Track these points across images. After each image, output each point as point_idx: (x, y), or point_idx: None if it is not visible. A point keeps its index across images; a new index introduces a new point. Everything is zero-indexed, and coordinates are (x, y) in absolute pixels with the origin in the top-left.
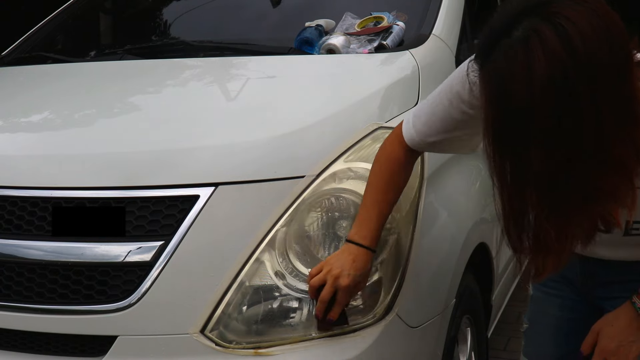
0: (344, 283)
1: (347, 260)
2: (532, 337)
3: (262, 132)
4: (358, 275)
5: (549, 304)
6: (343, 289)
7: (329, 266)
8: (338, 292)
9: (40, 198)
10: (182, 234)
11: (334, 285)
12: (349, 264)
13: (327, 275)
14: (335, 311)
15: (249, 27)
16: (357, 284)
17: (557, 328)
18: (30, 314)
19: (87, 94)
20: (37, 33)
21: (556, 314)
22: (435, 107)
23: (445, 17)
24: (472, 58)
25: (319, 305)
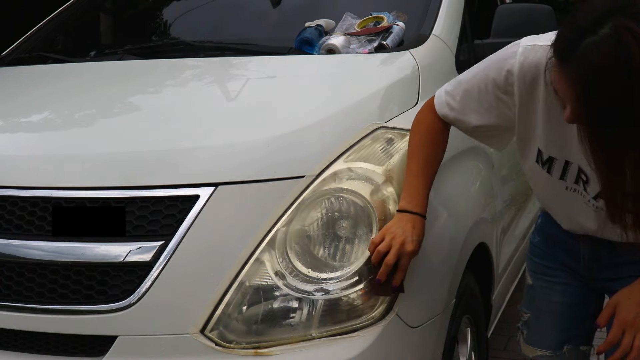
0: (409, 249)
1: (408, 227)
2: (535, 325)
3: (262, 132)
4: (419, 241)
5: (552, 291)
6: (408, 254)
7: (391, 234)
8: (402, 258)
9: (41, 198)
10: (182, 234)
11: (399, 251)
12: (410, 230)
13: (392, 242)
14: (398, 277)
15: (249, 27)
16: (418, 251)
17: (561, 314)
18: (30, 314)
19: (87, 94)
20: (37, 33)
21: (560, 300)
22: (469, 87)
23: (445, 17)
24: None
25: (384, 269)
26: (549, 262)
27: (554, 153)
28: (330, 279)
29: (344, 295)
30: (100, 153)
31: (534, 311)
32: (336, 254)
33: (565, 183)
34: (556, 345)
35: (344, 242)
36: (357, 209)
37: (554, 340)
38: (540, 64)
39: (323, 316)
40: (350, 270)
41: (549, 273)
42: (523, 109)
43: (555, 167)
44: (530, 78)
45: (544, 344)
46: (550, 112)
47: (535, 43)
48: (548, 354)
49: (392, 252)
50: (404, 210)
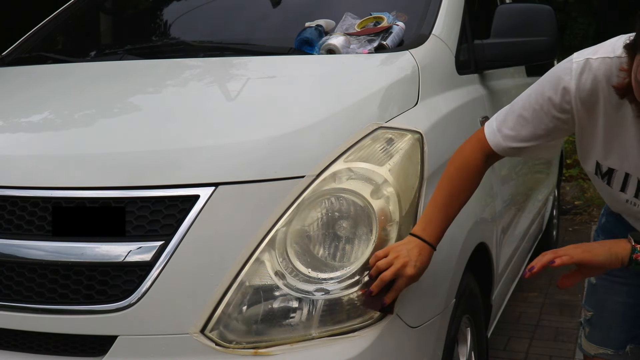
0: (410, 272)
1: (414, 251)
2: (598, 323)
3: (262, 132)
4: (422, 268)
5: (615, 291)
6: (407, 277)
7: (396, 252)
8: (399, 279)
9: (40, 198)
10: (182, 234)
11: (398, 271)
12: (415, 255)
13: (394, 261)
14: (390, 296)
15: (249, 27)
16: (417, 277)
17: (624, 314)
18: (30, 313)
19: (87, 94)
20: (37, 33)
21: (623, 300)
22: (523, 111)
23: (445, 17)
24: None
25: (378, 283)
26: None
27: (614, 164)
28: (330, 279)
29: (344, 295)
30: (101, 153)
31: (597, 310)
32: (336, 254)
33: (625, 196)
34: (619, 344)
35: (344, 242)
36: (357, 209)
37: (617, 340)
38: (597, 77)
39: (323, 316)
40: (350, 270)
41: (613, 272)
42: (581, 123)
43: (615, 179)
44: (589, 93)
45: (606, 343)
46: (611, 123)
47: (588, 57)
48: (610, 352)
49: (391, 270)
50: (416, 235)
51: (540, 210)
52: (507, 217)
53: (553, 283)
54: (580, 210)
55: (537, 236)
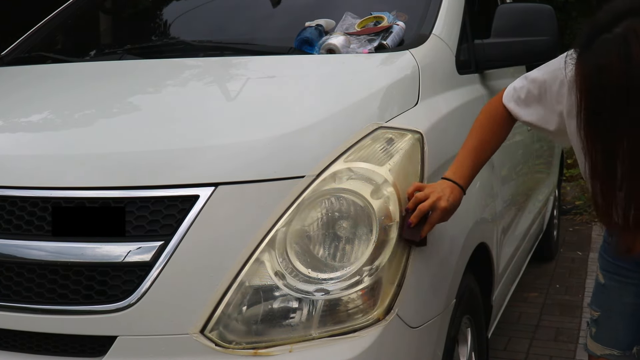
0: (443, 205)
1: (447, 189)
2: (605, 324)
3: (262, 132)
4: (453, 204)
5: (624, 292)
6: (440, 209)
7: (431, 188)
8: (433, 212)
9: (40, 198)
10: (182, 234)
11: (434, 203)
12: (448, 192)
13: (430, 194)
14: (425, 229)
15: (249, 27)
16: (450, 211)
17: (633, 315)
18: (30, 314)
19: (86, 94)
20: (37, 33)
21: (632, 301)
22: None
23: (445, 17)
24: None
25: (417, 213)
26: (624, 262)
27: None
28: (330, 279)
29: (344, 296)
30: (100, 153)
31: (605, 310)
32: (336, 254)
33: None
34: (626, 345)
35: (344, 242)
36: (357, 209)
37: (624, 341)
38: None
39: (323, 316)
40: (351, 271)
41: (623, 273)
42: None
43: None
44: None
45: (613, 343)
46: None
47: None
48: (617, 353)
49: (428, 201)
50: (447, 178)
51: (541, 210)
52: (508, 217)
53: (553, 283)
54: (581, 210)
55: (537, 236)
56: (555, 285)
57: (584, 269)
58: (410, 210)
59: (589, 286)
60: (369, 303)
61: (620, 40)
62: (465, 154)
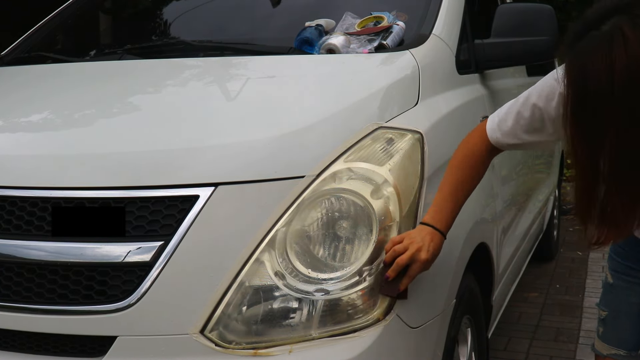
0: (423, 257)
1: (427, 238)
2: (612, 324)
3: (262, 132)
4: (434, 253)
5: (631, 292)
6: (421, 261)
7: (410, 239)
8: (413, 264)
9: (40, 198)
10: (181, 234)
11: (413, 255)
12: (428, 241)
13: (409, 245)
14: (404, 282)
15: (249, 27)
16: (430, 262)
17: (637, 315)
18: (29, 314)
19: (86, 94)
20: (37, 33)
21: (637, 301)
22: (518, 116)
23: (445, 17)
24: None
25: (395, 267)
26: (632, 262)
27: None
28: (330, 279)
29: (344, 296)
30: (100, 153)
31: (612, 310)
32: (336, 254)
33: None
34: (632, 345)
35: (344, 242)
36: (357, 209)
37: (631, 341)
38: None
39: (323, 316)
40: (350, 271)
41: (632, 274)
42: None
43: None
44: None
45: (619, 343)
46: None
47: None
48: (623, 353)
49: (407, 254)
50: (426, 224)
51: (541, 211)
52: (508, 217)
53: (553, 283)
54: None
55: (537, 236)
56: (555, 285)
57: (584, 269)
58: (387, 264)
59: (589, 286)
60: (369, 303)
61: (607, 37)
62: (443, 197)
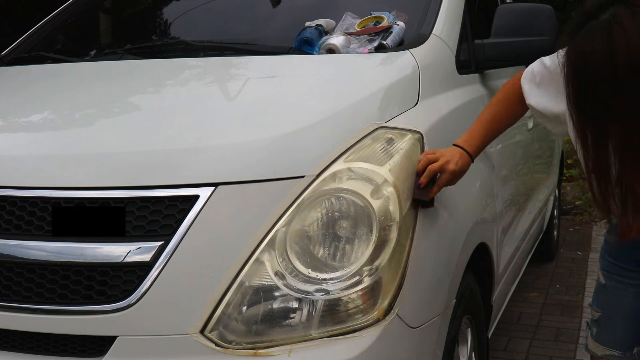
0: (452, 167)
1: (456, 154)
2: (606, 325)
3: (262, 132)
4: (461, 169)
5: (624, 293)
6: (449, 171)
7: (440, 153)
8: (442, 174)
9: (40, 198)
10: (181, 234)
11: (443, 165)
12: (457, 157)
13: (440, 157)
14: (434, 190)
15: (249, 27)
16: (458, 174)
17: (631, 316)
18: (29, 314)
19: (86, 94)
20: (36, 33)
21: (632, 302)
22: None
23: (445, 17)
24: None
25: (427, 174)
26: (624, 262)
27: None
28: (330, 279)
29: (344, 296)
30: (100, 153)
31: (606, 310)
32: (336, 254)
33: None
34: (627, 346)
35: (344, 242)
36: (357, 209)
37: (625, 342)
38: None
39: (323, 316)
40: (351, 271)
41: (624, 274)
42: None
43: None
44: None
45: (613, 344)
46: None
47: None
48: (617, 354)
49: (438, 163)
50: (459, 146)
51: (541, 211)
52: (508, 217)
53: (553, 283)
54: (581, 210)
55: (537, 236)
56: (555, 285)
57: (584, 269)
58: (420, 172)
59: (589, 286)
60: (369, 303)
61: (605, 26)
62: (477, 125)
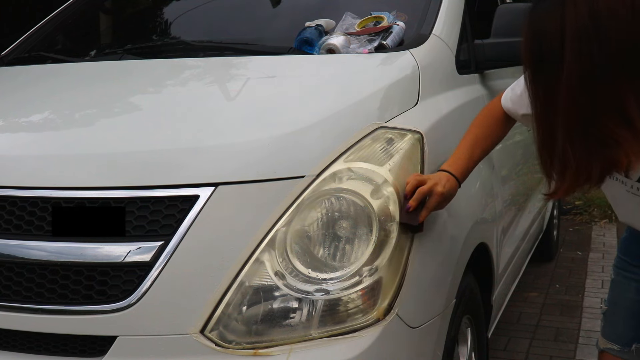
0: (439, 189)
1: (443, 178)
2: (610, 319)
3: (262, 132)
4: (449, 192)
5: (628, 288)
6: (437, 194)
7: (427, 177)
8: (430, 197)
9: (40, 198)
10: (182, 234)
11: (431, 188)
12: (444, 180)
13: (427, 180)
14: (423, 214)
15: (249, 27)
16: (446, 197)
17: (632, 311)
18: (29, 314)
19: (86, 94)
20: (37, 33)
21: (634, 297)
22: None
23: (445, 17)
24: None
25: (417, 197)
26: (629, 257)
27: None
28: (330, 279)
29: (344, 296)
30: (100, 153)
31: (611, 305)
32: (336, 254)
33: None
34: (626, 341)
35: (344, 242)
36: (357, 209)
37: (625, 336)
38: None
39: (323, 316)
40: (350, 271)
41: (628, 269)
42: None
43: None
44: None
45: (614, 338)
46: None
47: None
48: (616, 348)
49: (427, 185)
50: (445, 170)
51: (541, 211)
52: (508, 217)
53: (553, 283)
54: (581, 210)
55: (537, 236)
56: (555, 285)
57: (584, 269)
58: (408, 196)
59: (589, 286)
60: (368, 303)
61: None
62: (461, 149)
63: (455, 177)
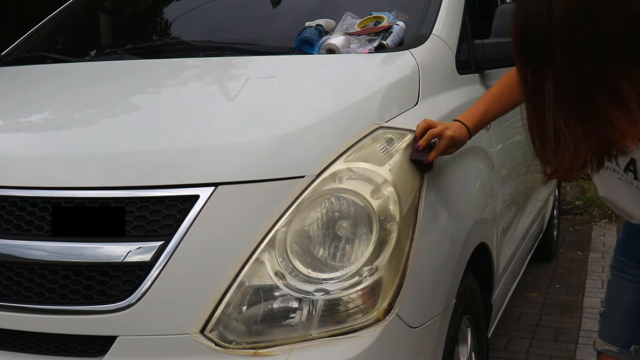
0: (449, 133)
1: (454, 125)
2: (607, 320)
3: (262, 132)
4: (459, 137)
5: (625, 288)
6: (447, 137)
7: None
8: (440, 140)
9: (40, 198)
10: (182, 234)
11: (441, 131)
12: (455, 127)
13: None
14: (432, 154)
15: (249, 27)
16: (455, 143)
17: (630, 312)
18: (29, 314)
19: (86, 94)
20: (37, 33)
21: (631, 298)
22: None
23: (446, 17)
24: None
25: (427, 137)
26: (626, 258)
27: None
28: (330, 279)
29: (344, 296)
30: (100, 153)
31: (608, 306)
32: (336, 254)
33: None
34: (624, 343)
35: (344, 242)
36: (357, 209)
37: (623, 338)
38: None
39: (323, 316)
40: (350, 271)
41: (624, 270)
42: None
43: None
44: None
45: (612, 339)
46: None
47: None
48: (615, 349)
49: (437, 129)
50: (459, 120)
51: (541, 211)
52: (508, 217)
53: (553, 283)
54: (581, 210)
55: (537, 236)
56: (555, 285)
57: (584, 269)
58: (418, 137)
59: (589, 286)
60: (369, 303)
61: None
62: (479, 104)
63: (466, 127)
